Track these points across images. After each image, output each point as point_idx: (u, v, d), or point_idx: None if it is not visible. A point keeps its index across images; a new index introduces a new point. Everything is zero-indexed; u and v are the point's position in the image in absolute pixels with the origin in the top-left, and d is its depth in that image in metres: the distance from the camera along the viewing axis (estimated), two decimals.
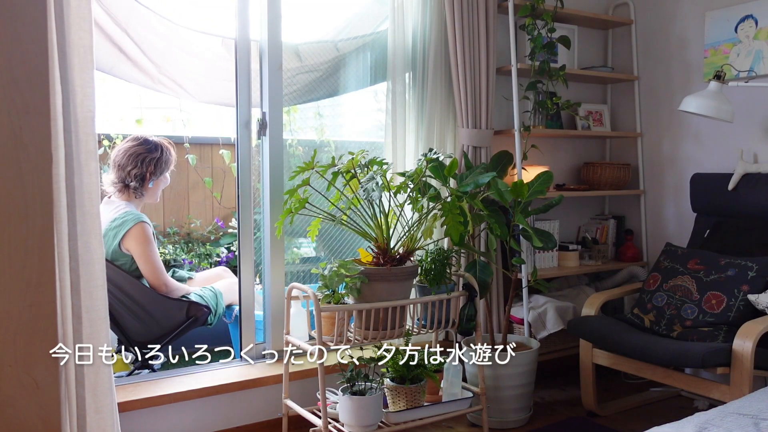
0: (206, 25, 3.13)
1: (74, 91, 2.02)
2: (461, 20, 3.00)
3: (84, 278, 2.05)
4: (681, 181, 3.53)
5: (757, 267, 2.70)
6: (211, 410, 2.64)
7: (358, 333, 2.44)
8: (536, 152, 3.36)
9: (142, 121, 3.92)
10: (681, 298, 2.81)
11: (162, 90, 3.16)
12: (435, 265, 2.54)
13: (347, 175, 2.52)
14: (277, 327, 2.88)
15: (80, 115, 2.03)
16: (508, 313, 2.95)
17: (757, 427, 1.63)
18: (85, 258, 2.05)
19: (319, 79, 3.15)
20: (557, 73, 3.21)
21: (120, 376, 2.77)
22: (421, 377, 2.52)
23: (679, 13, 3.52)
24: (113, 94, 3.86)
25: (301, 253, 3.41)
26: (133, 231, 2.79)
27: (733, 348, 2.44)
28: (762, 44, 3.15)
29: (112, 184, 2.92)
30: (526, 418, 2.90)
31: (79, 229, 2.05)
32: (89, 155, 2.05)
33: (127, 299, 2.81)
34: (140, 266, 2.84)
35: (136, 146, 2.91)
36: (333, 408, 2.52)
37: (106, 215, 2.86)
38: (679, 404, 3.13)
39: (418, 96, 3.09)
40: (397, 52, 3.01)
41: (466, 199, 2.52)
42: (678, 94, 3.49)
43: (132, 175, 2.87)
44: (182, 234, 4.10)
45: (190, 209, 4.16)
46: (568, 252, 3.44)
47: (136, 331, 2.87)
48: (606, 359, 2.88)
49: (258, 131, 2.86)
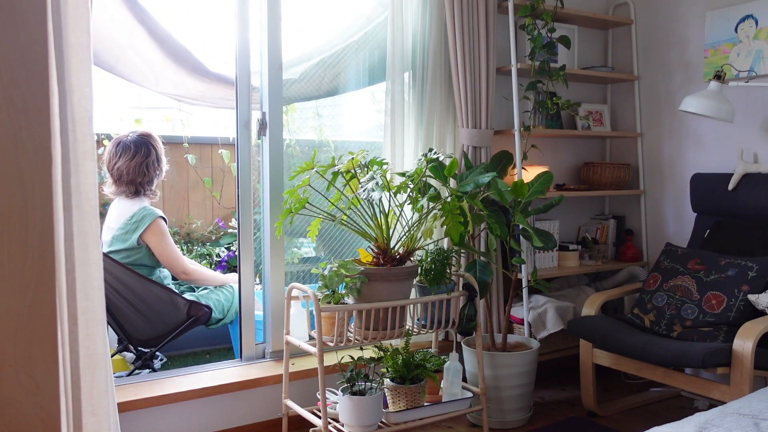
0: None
1: (72, 91, 2.00)
2: (461, 20, 3.00)
3: (80, 279, 2.03)
4: (681, 181, 3.53)
5: (757, 267, 2.70)
6: (211, 410, 2.64)
7: (358, 333, 2.44)
8: (536, 152, 3.36)
9: (142, 120, 3.92)
10: (681, 298, 2.81)
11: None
12: (435, 265, 2.54)
13: (347, 175, 2.52)
14: (277, 327, 2.88)
15: (78, 114, 2.02)
16: (508, 313, 2.95)
17: (757, 427, 1.63)
18: (81, 259, 2.04)
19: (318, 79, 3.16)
20: (557, 73, 3.21)
21: (120, 376, 2.78)
22: (421, 377, 2.52)
23: (679, 13, 3.52)
24: (113, 94, 3.86)
25: (301, 253, 3.41)
26: (152, 226, 2.97)
27: (733, 348, 2.44)
28: (762, 44, 3.15)
29: (123, 193, 3.05)
30: (526, 418, 2.90)
31: (75, 229, 2.03)
32: (87, 155, 2.04)
33: (133, 296, 2.86)
34: (160, 257, 3.01)
35: (130, 160, 3.01)
36: (333, 408, 2.52)
37: (122, 212, 3.01)
38: (679, 404, 3.13)
39: (418, 96, 3.09)
40: (396, 51, 3.01)
41: (466, 199, 2.52)
42: (678, 94, 3.49)
43: (144, 184, 3.06)
44: (182, 234, 4.10)
45: (190, 209, 4.16)
46: (568, 252, 3.44)
47: (139, 329, 2.89)
48: (606, 359, 2.88)
49: (258, 131, 2.86)
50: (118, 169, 3.01)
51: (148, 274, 2.99)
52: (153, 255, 3.00)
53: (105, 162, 3.06)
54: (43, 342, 1.50)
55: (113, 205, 3.08)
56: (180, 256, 3.08)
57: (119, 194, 3.04)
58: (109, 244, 2.97)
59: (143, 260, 3.00)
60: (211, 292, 3.16)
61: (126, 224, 2.98)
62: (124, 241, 2.96)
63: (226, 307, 3.13)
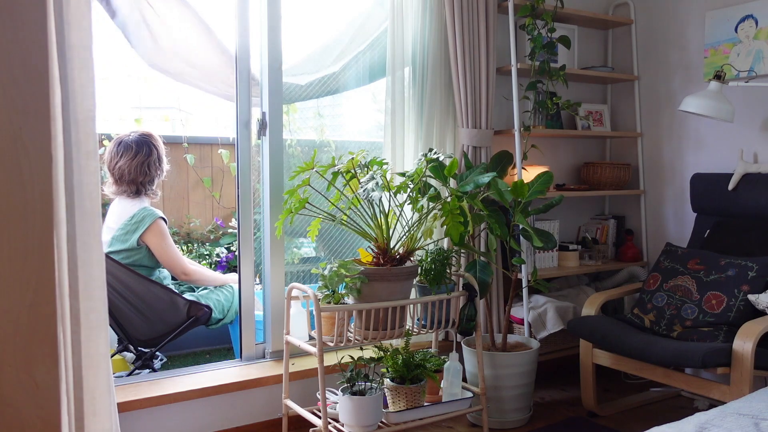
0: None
1: (74, 91, 2.01)
2: (461, 20, 3.00)
3: (82, 279, 2.04)
4: (681, 181, 3.53)
5: (757, 267, 2.70)
6: (211, 410, 2.64)
7: (358, 333, 2.44)
8: (536, 152, 3.36)
9: (141, 120, 3.92)
10: (681, 298, 2.81)
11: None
12: (435, 265, 2.54)
13: (347, 175, 2.52)
14: (277, 327, 2.88)
15: (80, 115, 2.02)
16: (508, 313, 2.95)
17: (757, 427, 1.63)
18: (84, 259, 2.04)
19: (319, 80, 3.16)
20: (557, 73, 3.21)
21: (120, 376, 2.78)
22: (421, 377, 2.52)
23: (679, 13, 3.52)
24: (113, 94, 3.86)
25: (301, 253, 3.41)
26: (153, 227, 2.97)
27: (733, 348, 2.44)
28: (762, 44, 3.15)
29: (124, 193, 3.05)
30: (526, 418, 2.90)
31: (78, 229, 2.03)
32: (89, 155, 2.04)
33: (133, 296, 2.86)
34: (160, 258, 3.02)
35: (131, 159, 3.01)
36: (333, 408, 2.52)
37: (122, 212, 3.01)
38: (679, 404, 3.13)
39: (418, 96, 3.09)
40: (396, 52, 3.01)
41: (466, 199, 2.52)
42: (678, 94, 3.49)
43: (145, 183, 3.06)
44: (182, 234, 4.10)
45: (190, 209, 4.16)
46: (568, 252, 3.44)
47: (139, 329, 2.90)
48: (606, 359, 2.88)
49: (258, 131, 2.86)
50: (119, 168, 3.01)
51: (148, 275, 2.99)
52: (153, 255, 3.00)
53: (106, 161, 3.06)
54: (43, 342, 1.49)
55: (113, 205, 3.08)
56: (180, 257, 3.08)
57: (120, 194, 3.04)
58: (109, 244, 2.97)
59: (143, 261, 3.00)
60: (211, 292, 3.16)
61: (126, 225, 2.98)
62: (124, 242, 2.96)
63: (226, 307, 3.13)
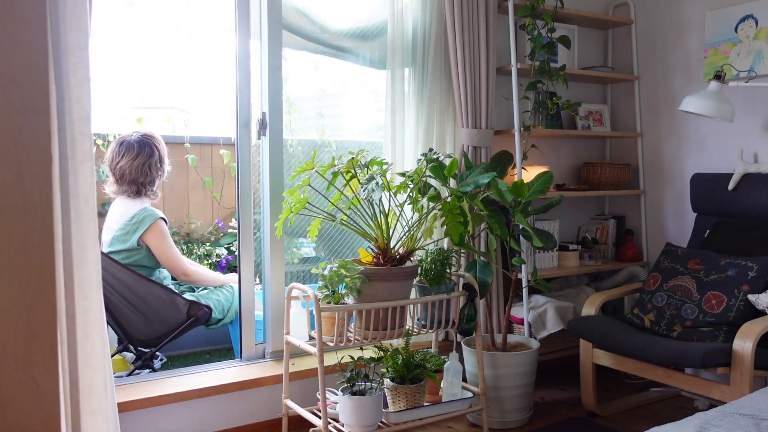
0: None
1: (69, 91, 2.00)
2: (461, 20, 3.00)
3: (78, 279, 2.03)
4: (681, 181, 3.53)
5: (757, 267, 2.70)
6: (211, 410, 2.64)
7: (358, 333, 2.44)
8: (536, 152, 3.36)
9: (143, 120, 3.92)
10: (681, 298, 2.81)
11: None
12: (435, 265, 2.54)
13: (347, 175, 2.52)
14: (277, 327, 2.88)
15: (76, 115, 2.02)
16: (508, 313, 2.95)
17: (757, 427, 1.63)
18: (79, 259, 2.03)
19: None
20: (557, 73, 3.21)
21: (120, 376, 2.78)
22: (421, 377, 2.52)
23: (679, 13, 3.52)
24: (114, 94, 3.86)
25: (301, 253, 3.41)
26: (153, 227, 2.98)
27: (733, 348, 2.44)
28: (762, 44, 3.15)
29: (125, 193, 3.05)
30: (526, 418, 2.90)
31: (73, 229, 2.03)
32: (85, 155, 2.04)
33: (133, 296, 2.86)
34: (160, 258, 3.02)
35: (133, 160, 3.02)
36: (333, 408, 2.52)
37: (123, 213, 3.02)
38: (679, 404, 3.13)
39: (418, 96, 3.09)
40: (396, 51, 3.01)
41: (466, 199, 2.52)
42: (678, 94, 3.49)
43: (145, 184, 3.06)
44: (182, 234, 4.10)
45: (190, 209, 4.16)
46: (568, 252, 3.44)
47: (139, 329, 2.90)
48: (606, 359, 2.88)
49: (258, 131, 2.86)
50: (121, 168, 3.01)
51: (148, 275, 3.00)
52: (153, 256, 3.01)
53: (107, 161, 3.06)
54: (43, 342, 1.49)
55: (114, 205, 3.08)
56: (180, 257, 3.09)
57: (120, 194, 3.04)
58: (110, 244, 2.98)
59: (143, 261, 3.00)
60: (211, 292, 3.16)
61: (126, 225, 2.98)
62: (124, 242, 2.96)
63: (226, 307, 3.13)
